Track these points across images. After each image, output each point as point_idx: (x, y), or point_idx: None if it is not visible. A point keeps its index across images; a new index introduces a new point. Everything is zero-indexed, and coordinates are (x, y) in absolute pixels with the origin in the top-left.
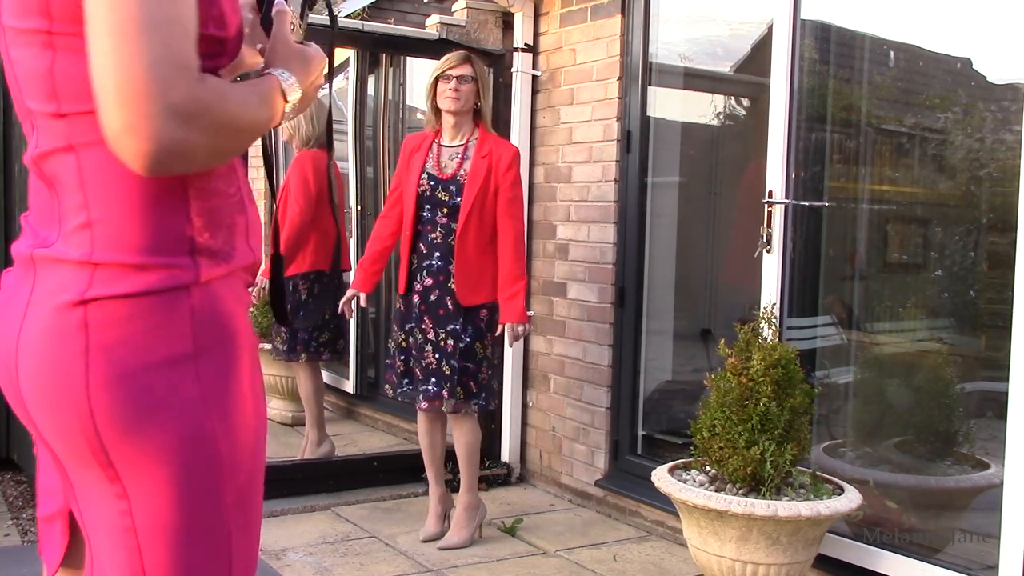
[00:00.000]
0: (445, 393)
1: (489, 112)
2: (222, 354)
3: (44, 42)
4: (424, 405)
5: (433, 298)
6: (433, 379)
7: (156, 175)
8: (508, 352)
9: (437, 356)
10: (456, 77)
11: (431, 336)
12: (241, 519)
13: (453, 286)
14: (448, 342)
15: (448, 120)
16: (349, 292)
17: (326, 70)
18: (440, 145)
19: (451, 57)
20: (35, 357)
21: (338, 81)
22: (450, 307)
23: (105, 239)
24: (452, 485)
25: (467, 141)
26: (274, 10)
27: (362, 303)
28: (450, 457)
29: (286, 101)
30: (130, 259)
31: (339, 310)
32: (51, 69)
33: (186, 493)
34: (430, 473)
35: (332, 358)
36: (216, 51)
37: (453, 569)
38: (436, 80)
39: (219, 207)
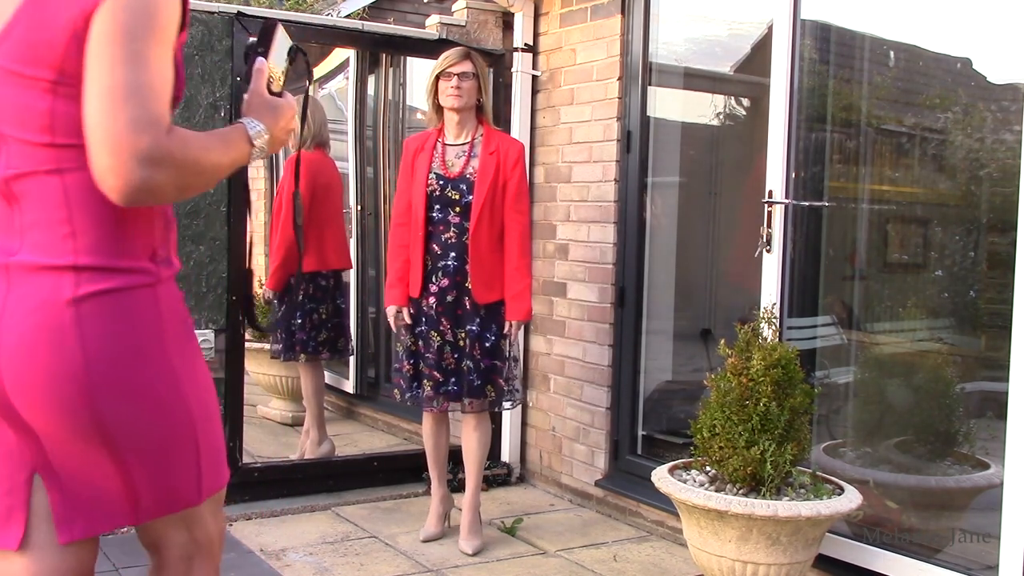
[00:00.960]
0: (466, 393)
1: (491, 107)
2: (180, 327)
3: (47, 88)
4: (446, 406)
5: (450, 299)
6: (453, 379)
7: (130, 206)
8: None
9: (456, 356)
10: (457, 75)
11: (449, 337)
12: (207, 429)
13: (470, 285)
14: (467, 342)
15: (452, 118)
16: (391, 310)
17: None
18: (444, 144)
19: (451, 54)
20: (26, 352)
21: (338, 81)
22: (468, 307)
23: (86, 246)
24: (452, 485)
25: (472, 138)
26: (254, 68)
27: (406, 319)
28: (451, 456)
29: (252, 145)
30: (109, 263)
31: (395, 331)
32: (51, 109)
33: (165, 416)
34: (434, 474)
35: (333, 357)
36: (174, 104)
37: (453, 569)
38: (437, 78)
39: (166, 225)
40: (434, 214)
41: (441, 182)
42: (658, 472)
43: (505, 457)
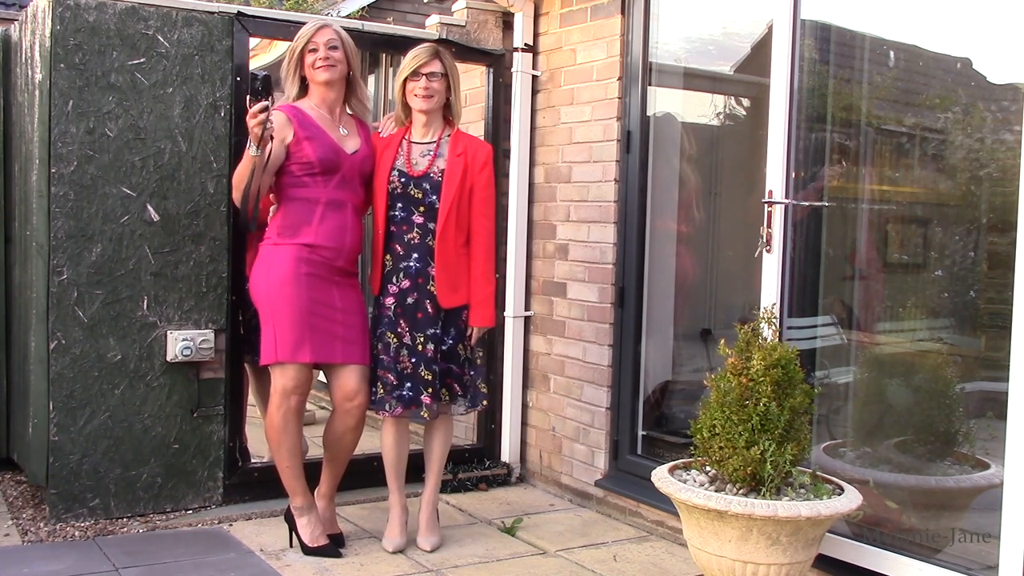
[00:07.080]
0: (425, 399)
1: (460, 106)
2: (307, 271)
3: None
4: (399, 411)
5: (410, 301)
6: (408, 384)
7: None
8: (508, 352)
9: (414, 360)
10: (426, 75)
11: (407, 340)
12: (280, 318)
13: (432, 288)
14: (428, 347)
15: (419, 118)
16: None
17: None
18: (410, 142)
19: (419, 53)
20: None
21: None
22: (429, 310)
23: (269, 234)
24: (452, 486)
25: (439, 138)
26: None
27: None
28: (451, 457)
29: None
30: (271, 238)
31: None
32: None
33: (259, 300)
34: (393, 484)
35: None
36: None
37: (453, 569)
38: (405, 79)
39: (295, 224)
40: (396, 213)
41: (403, 179)
42: (658, 472)
43: (505, 457)
